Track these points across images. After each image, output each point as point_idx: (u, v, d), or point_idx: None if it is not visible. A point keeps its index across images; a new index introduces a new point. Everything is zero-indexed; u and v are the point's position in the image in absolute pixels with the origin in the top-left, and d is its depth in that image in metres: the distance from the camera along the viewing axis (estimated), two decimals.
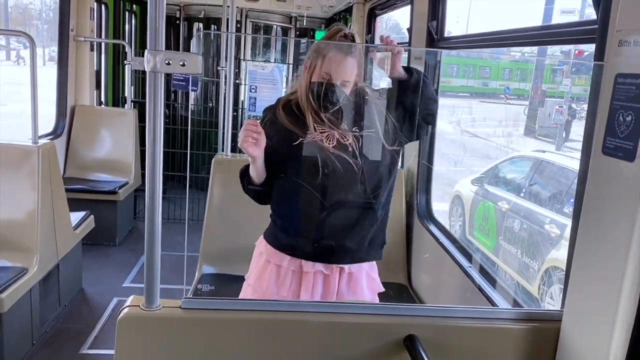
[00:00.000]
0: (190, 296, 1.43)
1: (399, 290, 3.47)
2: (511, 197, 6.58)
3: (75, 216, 4.00)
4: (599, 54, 1.51)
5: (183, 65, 1.32)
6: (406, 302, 3.30)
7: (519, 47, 2.38)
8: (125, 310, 1.43)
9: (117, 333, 1.41)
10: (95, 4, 5.43)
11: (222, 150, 3.91)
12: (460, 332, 1.53)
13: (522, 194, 6.46)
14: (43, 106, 5.33)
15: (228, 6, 3.95)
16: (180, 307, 1.45)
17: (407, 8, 3.76)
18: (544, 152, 7.24)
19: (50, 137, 4.96)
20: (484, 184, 7.27)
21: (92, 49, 5.42)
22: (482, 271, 2.69)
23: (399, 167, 3.74)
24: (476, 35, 2.77)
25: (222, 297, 1.58)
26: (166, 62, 1.30)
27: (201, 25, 6.97)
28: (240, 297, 2.22)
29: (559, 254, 5.05)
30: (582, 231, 1.45)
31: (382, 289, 2.29)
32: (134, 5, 6.66)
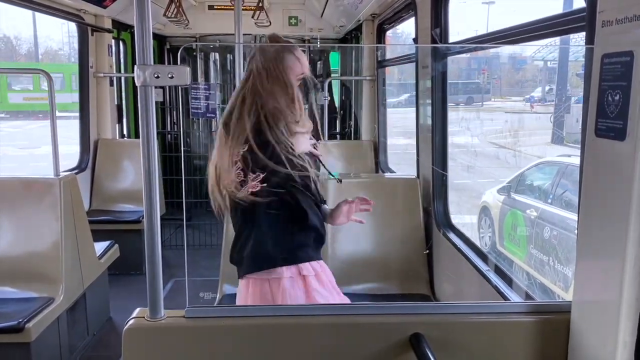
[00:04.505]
0: (194, 305, 1.45)
1: (421, 301, 3.43)
2: (539, 204, 6.45)
3: (100, 246, 4.07)
4: (590, 38, 1.51)
5: (172, 77, 1.36)
6: None
7: (517, 44, 2.38)
8: (131, 321, 1.46)
9: (124, 344, 1.44)
10: (113, 40, 5.62)
11: None
12: (467, 328, 1.50)
13: (549, 200, 6.33)
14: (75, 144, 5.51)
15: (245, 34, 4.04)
16: (184, 317, 1.46)
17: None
18: (569, 156, 7.10)
19: (75, 171, 5.10)
20: (511, 192, 7.15)
21: (111, 84, 5.59)
22: (505, 277, 2.64)
23: (413, 177, 3.75)
24: (477, 37, 2.78)
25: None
26: (155, 75, 1.34)
27: (217, 55, 7.13)
28: None
29: None
30: (583, 217, 1.42)
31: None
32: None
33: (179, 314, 1.47)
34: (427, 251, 3.41)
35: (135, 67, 1.34)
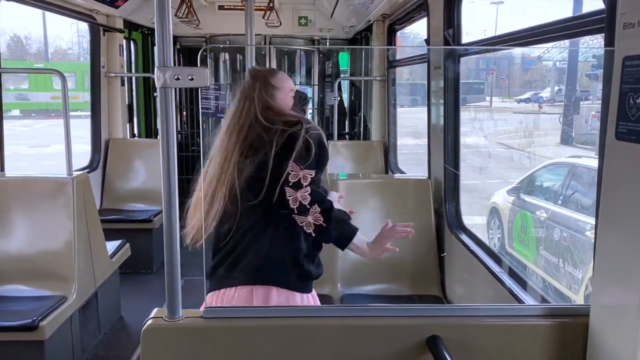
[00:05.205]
0: (212, 306, 1.46)
1: (433, 302, 3.42)
2: (549, 205, 6.42)
3: (112, 245, 4.09)
4: (609, 41, 1.50)
5: (191, 79, 1.37)
6: None
7: (532, 45, 2.37)
8: (149, 321, 1.47)
9: (142, 344, 1.44)
10: (124, 40, 5.65)
11: None
12: (484, 330, 1.50)
13: (559, 201, 6.30)
14: (82, 143, 5.55)
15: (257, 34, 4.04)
16: (202, 317, 1.47)
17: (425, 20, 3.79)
18: (579, 157, 7.06)
19: (87, 170, 5.12)
20: (520, 193, 7.12)
21: (122, 84, 5.62)
22: (518, 279, 2.63)
23: (424, 177, 3.75)
24: (491, 38, 2.77)
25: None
26: (175, 77, 1.35)
27: (227, 55, 7.14)
28: None
29: None
30: (602, 221, 1.41)
31: None
32: None
33: (196, 314, 1.47)
34: (445, 254, 3.40)
35: (156, 68, 1.35)
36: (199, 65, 1.36)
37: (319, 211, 1.86)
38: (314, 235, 1.87)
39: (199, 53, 1.60)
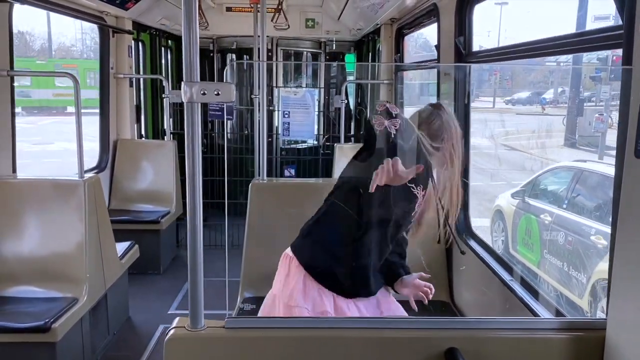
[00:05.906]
0: (234, 316, 1.48)
1: (441, 308, 3.44)
2: (554, 209, 6.43)
3: (121, 246, 4.12)
4: (627, 58, 1.52)
5: (217, 94, 1.39)
6: None
7: (546, 56, 2.38)
8: (172, 331, 1.49)
9: (165, 354, 1.47)
10: (133, 42, 5.67)
11: (259, 175, 3.98)
12: (501, 343, 1.52)
13: (564, 205, 6.31)
14: (88, 142, 5.57)
15: (259, 35, 4.06)
16: (224, 327, 1.49)
17: (435, 25, 3.80)
18: (585, 161, 7.08)
19: (95, 171, 5.16)
20: (525, 197, 7.13)
21: (131, 85, 5.64)
22: (526, 285, 2.64)
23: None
24: (504, 48, 2.78)
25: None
26: (202, 92, 1.37)
27: (234, 56, 7.17)
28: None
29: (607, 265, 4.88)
30: (620, 236, 1.43)
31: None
32: (169, 41, 6.92)
33: (219, 324, 1.50)
34: (463, 267, 3.41)
35: (183, 83, 1.37)
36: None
37: None
38: None
39: (226, 68, 1.61)
